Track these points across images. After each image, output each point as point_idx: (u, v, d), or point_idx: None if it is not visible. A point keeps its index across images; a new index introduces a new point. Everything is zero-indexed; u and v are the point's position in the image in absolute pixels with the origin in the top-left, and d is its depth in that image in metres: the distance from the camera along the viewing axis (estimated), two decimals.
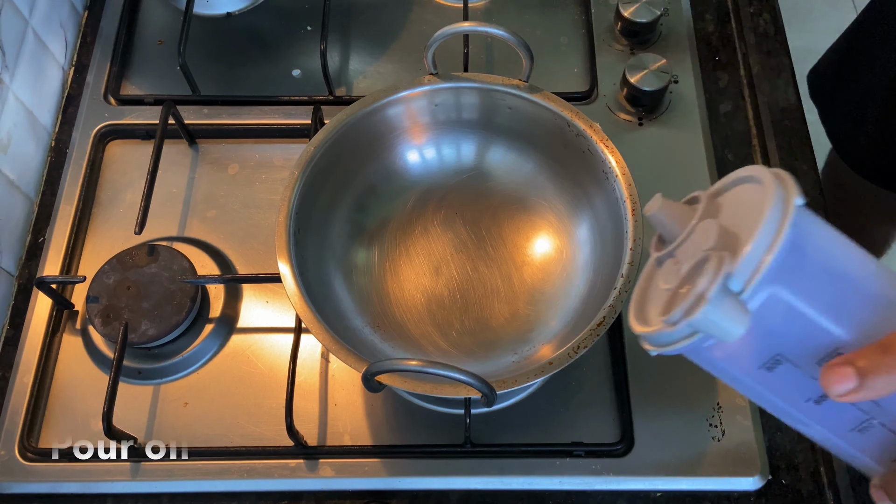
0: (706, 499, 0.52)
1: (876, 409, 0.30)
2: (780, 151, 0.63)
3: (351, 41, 0.70)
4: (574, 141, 0.53)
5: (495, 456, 0.53)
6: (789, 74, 0.67)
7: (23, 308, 0.59)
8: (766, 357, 0.31)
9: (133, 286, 0.56)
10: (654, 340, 0.32)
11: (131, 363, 0.56)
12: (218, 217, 0.62)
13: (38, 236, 0.62)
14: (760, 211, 0.29)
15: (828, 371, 0.29)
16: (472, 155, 0.59)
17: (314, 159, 0.52)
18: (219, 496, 0.53)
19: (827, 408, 0.31)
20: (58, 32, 0.68)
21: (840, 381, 0.28)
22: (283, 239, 0.49)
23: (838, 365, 0.28)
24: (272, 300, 0.59)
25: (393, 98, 0.55)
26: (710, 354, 0.32)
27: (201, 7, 0.70)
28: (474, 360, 0.53)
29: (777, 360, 0.31)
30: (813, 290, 0.30)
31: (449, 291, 0.56)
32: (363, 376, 0.43)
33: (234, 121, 0.65)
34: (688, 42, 0.68)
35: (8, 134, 0.60)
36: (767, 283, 0.29)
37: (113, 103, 0.67)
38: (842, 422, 0.31)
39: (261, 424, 0.55)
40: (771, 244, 0.28)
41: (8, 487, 0.53)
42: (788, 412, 0.33)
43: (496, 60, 0.68)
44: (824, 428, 0.32)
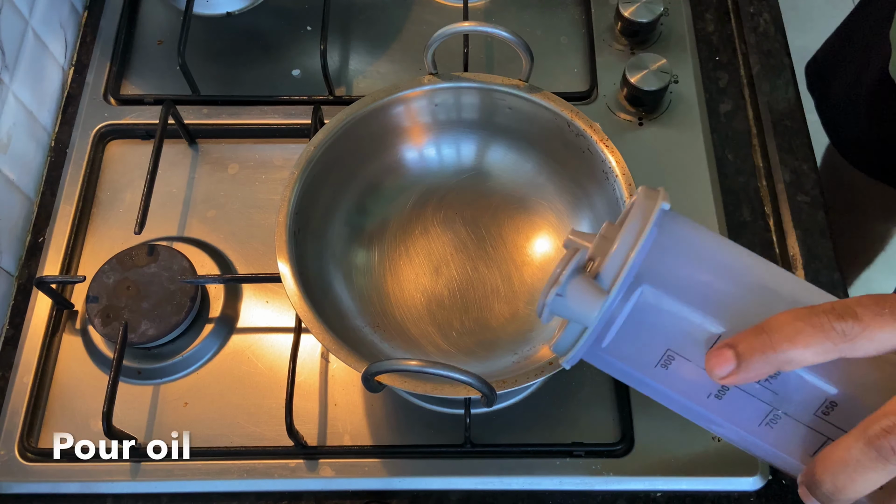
0: (706, 499, 0.52)
1: (775, 399, 0.31)
2: (780, 151, 0.63)
3: (351, 41, 0.70)
4: (574, 141, 0.53)
5: (495, 456, 0.53)
6: (789, 74, 0.67)
7: (22, 308, 0.59)
8: (659, 354, 0.32)
9: (133, 286, 0.56)
10: (556, 348, 0.34)
11: (131, 363, 0.56)
12: (218, 217, 0.62)
13: (38, 236, 0.62)
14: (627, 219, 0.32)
15: (709, 355, 0.30)
16: (472, 155, 0.59)
17: (314, 159, 0.52)
18: (219, 496, 0.53)
19: (729, 402, 0.32)
20: (57, 32, 0.68)
21: (720, 364, 0.30)
22: (283, 239, 0.49)
23: (718, 348, 0.30)
24: (272, 300, 0.59)
25: (393, 98, 0.55)
26: (609, 358, 0.34)
27: (201, 7, 0.70)
28: (474, 360, 0.53)
29: (670, 356, 0.32)
30: (686, 285, 0.32)
31: (449, 291, 0.56)
32: (363, 376, 0.43)
33: (234, 121, 0.65)
34: (688, 42, 0.68)
35: (8, 134, 0.60)
36: (635, 280, 0.31)
37: (113, 103, 0.67)
38: (748, 416, 0.32)
39: (261, 424, 0.55)
40: (632, 245, 0.31)
41: (8, 487, 0.53)
42: (698, 412, 0.33)
43: (496, 60, 0.68)
44: (735, 425, 0.33)
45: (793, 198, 0.62)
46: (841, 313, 0.29)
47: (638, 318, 0.32)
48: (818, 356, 0.29)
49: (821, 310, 0.29)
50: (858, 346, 0.29)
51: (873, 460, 0.28)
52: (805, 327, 0.29)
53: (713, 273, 0.33)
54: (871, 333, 0.28)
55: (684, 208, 0.61)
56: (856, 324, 0.28)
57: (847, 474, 0.28)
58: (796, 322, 0.29)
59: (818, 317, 0.29)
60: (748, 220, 0.62)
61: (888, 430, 0.28)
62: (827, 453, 0.29)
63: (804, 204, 0.61)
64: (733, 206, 0.62)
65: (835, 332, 0.28)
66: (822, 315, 0.29)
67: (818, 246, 0.60)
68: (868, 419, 0.28)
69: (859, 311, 0.29)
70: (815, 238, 0.60)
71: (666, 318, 0.32)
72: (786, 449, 0.32)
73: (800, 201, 0.61)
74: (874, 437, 0.28)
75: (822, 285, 0.58)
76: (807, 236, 0.60)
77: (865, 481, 0.28)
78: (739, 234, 0.61)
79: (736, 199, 0.62)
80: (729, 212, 0.62)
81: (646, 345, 0.33)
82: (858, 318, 0.28)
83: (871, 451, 0.28)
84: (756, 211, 0.62)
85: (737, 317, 0.31)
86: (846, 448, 0.29)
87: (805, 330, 0.28)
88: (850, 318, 0.28)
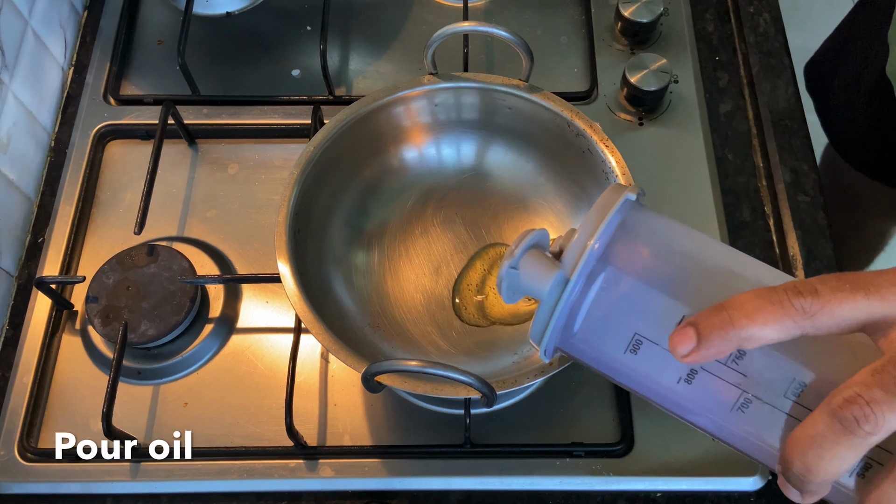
0: (706, 499, 0.52)
1: (745, 381, 0.31)
2: (781, 151, 0.63)
3: (351, 41, 0.70)
4: (574, 141, 0.53)
5: (495, 456, 0.53)
6: (789, 74, 0.67)
7: (22, 308, 0.59)
8: (627, 339, 0.33)
9: (133, 286, 0.56)
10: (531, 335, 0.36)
11: (131, 363, 0.56)
12: (217, 217, 0.62)
13: (38, 236, 0.62)
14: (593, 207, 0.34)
15: (672, 335, 0.30)
16: (472, 155, 0.59)
17: (314, 159, 0.52)
18: (218, 496, 0.53)
19: (700, 386, 0.32)
20: (57, 32, 0.68)
21: (681, 342, 0.30)
22: (283, 239, 0.49)
23: (681, 327, 0.30)
24: (272, 300, 0.59)
25: (393, 98, 0.54)
26: (582, 345, 0.35)
27: (201, 7, 0.70)
28: (474, 360, 0.53)
29: (638, 340, 0.33)
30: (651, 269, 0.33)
31: (449, 291, 0.56)
32: (363, 376, 0.43)
33: (234, 121, 0.65)
34: (688, 42, 0.68)
35: (7, 134, 0.60)
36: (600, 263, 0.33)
37: (112, 103, 0.67)
38: (719, 401, 0.32)
39: (261, 424, 0.55)
40: (594, 228, 0.33)
41: (7, 488, 0.53)
42: (671, 399, 0.33)
43: (496, 60, 0.68)
44: (707, 412, 0.33)
45: (793, 198, 0.62)
46: (801, 290, 0.28)
47: (605, 302, 0.33)
48: (779, 333, 0.28)
49: (782, 288, 0.29)
50: (819, 323, 0.28)
51: (838, 433, 0.27)
52: (765, 304, 0.28)
53: (678, 258, 0.34)
54: (831, 309, 0.28)
55: (684, 208, 0.61)
56: (815, 300, 0.28)
57: (815, 451, 0.28)
58: (757, 300, 0.29)
59: (778, 294, 0.29)
60: (748, 220, 0.62)
61: (850, 400, 0.27)
62: (795, 432, 0.29)
63: (804, 204, 0.61)
64: (733, 206, 0.62)
65: (794, 308, 0.28)
66: (783, 292, 0.29)
67: (818, 246, 0.60)
68: (833, 392, 0.28)
69: (819, 287, 0.28)
70: (815, 238, 0.60)
71: (632, 301, 0.33)
72: (760, 436, 0.32)
73: (800, 201, 0.61)
74: (837, 408, 0.27)
75: None
76: (807, 236, 0.60)
77: (834, 458, 0.27)
78: (739, 234, 0.61)
79: (736, 199, 0.62)
80: (729, 212, 0.62)
81: (614, 330, 0.33)
82: (818, 294, 0.28)
83: (834, 424, 0.27)
84: (756, 211, 0.62)
85: (701, 298, 0.31)
86: (812, 424, 0.28)
87: (765, 307, 0.28)
88: (809, 294, 0.28)
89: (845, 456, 0.27)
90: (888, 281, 0.28)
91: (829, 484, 0.29)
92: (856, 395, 0.27)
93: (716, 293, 0.31)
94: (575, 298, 0.33)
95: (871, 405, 0.26)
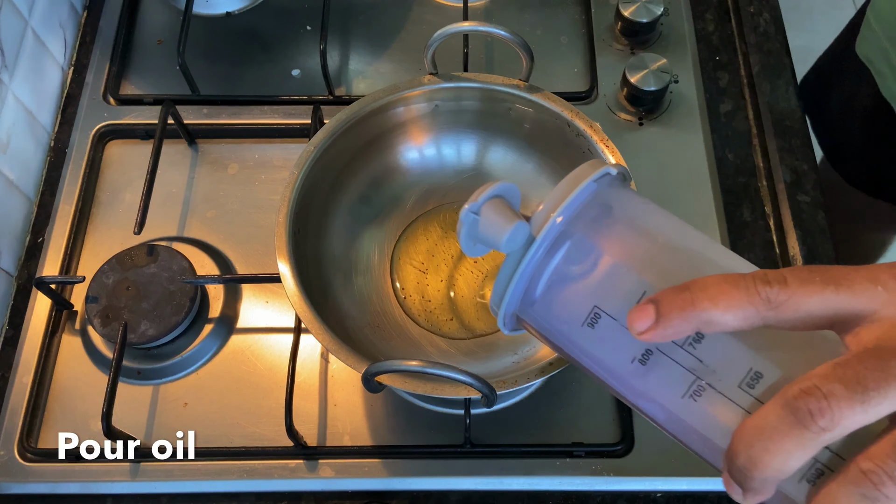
0: (706, 499, 0.52)
1: (700, 367, 0.30)
2: (781, 151, 0.63)
3: (351, 41, 0.70)
4: (574, 141, 0.53)
5: (495, 456, 0.53)
6: (790, 74, 0.67)
7: (22, 308, 0.58)
8: (586, 311, 0.32)
9: (132, 286, 0.56)
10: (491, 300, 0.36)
11: (131, 363, 0.56)
12: (217, 217, 0.62)
13: (38, 236, 0.62)
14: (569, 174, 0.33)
15: (632, 310, 0.29)
16: (472, 155, 0.59)
17: (314, 159, 0.52)
18: (218, 496, 0.53)
19: (653, 367, 0.31)
20: (57, 32, 0.68)
21: (640, 318, 0.28)
22: (283, 239, 0.49)
23: (642, 303, 0.29)
24: (272, 300, 0.59)
25: (393, 98, 0.54)
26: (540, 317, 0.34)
27: (201, 7, 0.70)
28: (474, 360, 0.53)
29: (596, 313, 0.32)
30: (619, 243, 0.33)
31: (449, 291, 0.56)
32: (363, 377, 0.42)
33: (234, 121, 0.65)
34: (688, 42, 0.68)
35: (7, 134, 0.60)
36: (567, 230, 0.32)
37: (112, 103, 0.66)
38: (671, 385, 0.30)
39: (260, 425, 0.55)
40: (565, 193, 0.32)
41: (7, 488, 0.53)
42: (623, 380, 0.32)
43: (496, 60, 0.68)
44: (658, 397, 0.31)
45: (793, 198, 0.62)
46: (769, 279, 0.27)
47: (568, 271, 0.32)
48: (740, 321, 0.27)
49: (750, 275, 0.27)
50: (783, 316, 0.27)
51: (790, 425, 0.25)
52: (730, 289, 0.27)
53: (649, 236, 0.33)
54: (797, 302, 0.27)
55: (684, 208, 0.61)
56: (782, 290, 0.27)
57: (762, 443, 0.25)
58: (722, 283, 0.27)
59: (745, 280, 0.27)
60: (748, 220, 0.62)
61: (807, 392, 0.25)
62: (745, 422, 0.27)
63: (804, 204, 0.61)
64: (733, 206, 0.62)
65: (759, 297, 0.27)
66: (750, 279, 0.27)
67: (818, 246, 0.60)
68: (789, 384, 0.26)
69: (789, 277, 0.27)
70: (815, 238, 0.60)
71: (596, 271, 0.32)
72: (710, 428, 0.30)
73: (800, 201, 0.61)
74: (792, 398, 0.25)
75: None
76: (807, 236, 0.60)
77: (782, 452, 0.25)
78: (739, 234, 0.61)
79: (736, 199, 0.62)
80: (729, 212, 0.62)
81: (574, 300, 0.32)
82: (786, 284, 0.27)
83: (787, 415, 0.25)
84: (756, 211, 0.62)
85: (667, 277, 0.30)
86: (763, 414, 0.26)
87: (729, 292, 0.27)
88: (777, 283, 0.27)
89: (794, 452, 0.25)
90: (862, 276, 0.27)
91: (774, 483, 0.27)
92: (813, 387, 0.25)
93: (683, 274, 0.30)
94: (538, 261, 0.32)
95: (829, 399, 0.24)
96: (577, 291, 0.32)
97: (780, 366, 0.29)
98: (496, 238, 0.33)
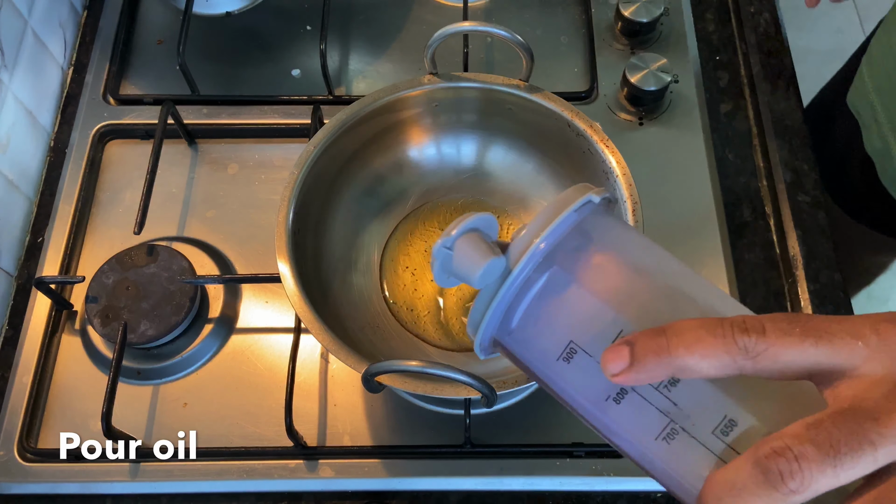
0: None
1: (674, 410, 0.29)
2: (781, 151, 0.63)
3: (350, 41, 0.70)
4: (574, 141, 0.53)
5: (495, 456, 0.53)
6: (790, 74, 0.67)
7: (22, 308, 0.58)
8: (562, 345, 0.31)
9: (132, 286, 0.56)
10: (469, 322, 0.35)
11: (130, 363, 0.56)
12: (217, 217, 0.62)
13: (38, 236, 0.62)
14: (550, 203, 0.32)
15: (607, 351, 0.29)
16: (472, 155, 0.59)
17: (314, 159, 0.52)
18: (218, 496, 0.53)
19: (628, 407, 0.31)
20: (57, 32, 0.68)
21: (614, 360, 0.28)
22: (283, 239, 0.49)
23: (616, 344, 0.28)
24: (272, 300, 0.59)
25: (393, 98, 0.54)
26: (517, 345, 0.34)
27: (201, 7, 0.70)
28: (474, 360, 0.53)
29: (572, 349, 0.31)
30: (598, 276, 0.31)
31: (449, 291, 0.56)
32: (363, 377, 0.42)
33: (234, 121, 0.65)
34: (688, 42, 0.68)
35: (7, 134, 0.60)
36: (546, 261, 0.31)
37: (112, 103, 0.66)
38: (645, 426, 0.30)
39: (260, 425, 0.54)
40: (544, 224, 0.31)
41: (7, 488, 0.53)
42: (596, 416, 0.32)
43: (496, 60, 0.68)
44: (631, 436, 0.31)
45: (793, 198, 0.61)
46: (747, 328, 0.27)
47: (544, 304, 0.32)
48: (715, 369, 0.27)
49: (729, 321, 0.27)
50: (761, 366, 0.27)
51: (760, 485, 0.25)
52: (706, 336, 0.27)
53: (629, 271, 0.32)
54: (775, 353, 0.26)
55: (684, 208, 0.61)
56: (760, 341, 0.26)
57: (731, 499, 0.26)
58: (699, 330, 0.27)
59: (723, 328, 0.27)
60: (748, 220, 0.62)
61: (779, 452, 0.25)
62: (715, 474, 0.27)
63: (804, 204, 0.61)
64: (733, 206, 0.62)
65: (736, 346, 0.26)
66: (728, 327, 0.27)
67: (818, 246, 0.60)
68: (762, 440, 0.26)
69: (768, 326, 0.26)
70: (815, 238, 0.60)
71: (573, 307, 0.31)
72: (681, 471, 0.30)
73: (800, 201, 0.61)
74: (763, 457, 0.25)
75: (823, 285, 0.58)
76: (807, 236, 0.60)
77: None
78: (740, 234, 0.61)
79: (736, 199, 0.62)
80: (729, 212, 0.61)
81: (551, 334, 0.32)
82: (765, 334, 0.26)
83: (758, 475, 0.25)
84: (756, 211, 0.62)
85: (645, 316, 0.30)
86: (735, 469, 0.26)
87: (705, 339, 0.27)
88: (755, 333, 0.26)
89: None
90: (843, 330, 0.26)
91: None
92: (785, 448, 0.25)
93: (661, 314, 0.29)
94: (514, 293, 0.32)
95: (800, 461, 0.24)
96: (554, 325, 0.32)
97: (754, 414, 0.28)
98: (469, 274, 0.32)
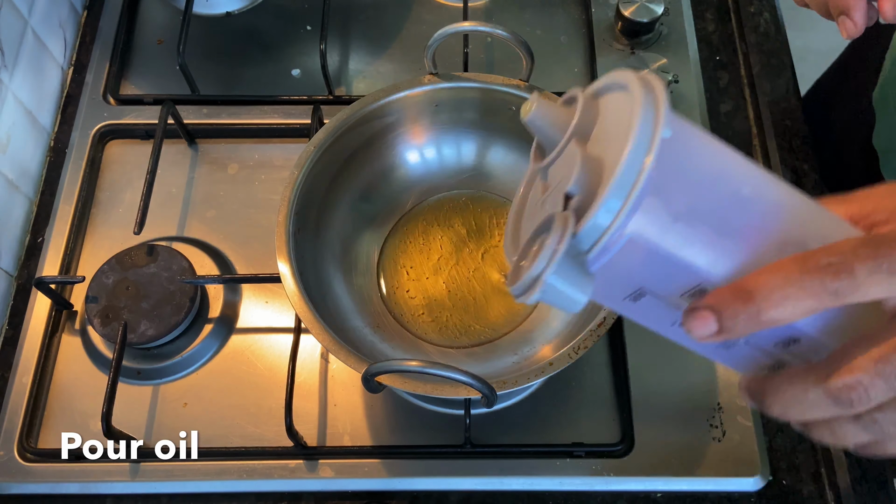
0: (706, 499, 0.52)
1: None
2: (781, 151, 0.63)
3: (351, 41, 0.70)
4: None
5: (495, 456, 0.53)
6: (790, 74, 0.67)
7: (22, 308, 0.58)
8: (630, 290, 0.31)
9: (132, 286, 0.56)
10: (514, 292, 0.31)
11: (130, 363, 0.56)
12: (217, 217, 0.62)
13: (37, 236, 0.62)
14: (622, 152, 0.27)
15: (689, 315, 0.29)
16: (472, 155, 0.59)
17: (314, 159, 0.52)
18: (218, 496, 0.53)
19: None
20: (57, 32, 0.68)
21: (700, 326, 0.28)
22: (283, 239, 0.49)
23: (699, 311, 0.28)
24: (272, 300, 0.59)
25: (393, 98, 0.54)
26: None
27: (201, 7, 0.70)
28: (474, 360, 0.53)
29: (641, 292, 0.31)
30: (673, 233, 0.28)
31: (449, 291, 0.56)
32: (363, 377, 0.42)
33: (234, 120, 0.65)
34: (688, 42, 0.68)
35: (7, 134, 0.60)
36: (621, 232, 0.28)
37: (112, 103, 0.66)
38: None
39: (260, 425, 0.54)
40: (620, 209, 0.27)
41: (7, 488, 0.53)
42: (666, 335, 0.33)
43: (496, 60, 0.68)
44: (693, 345, 0.32)
45: None
46: (836, 270, 0.26)
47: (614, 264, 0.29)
48: (805, 315, 0.28)
49: (814, 266, 0.27)
50: (845, 302, 0.27)
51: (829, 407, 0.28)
52: (795, 292, 0.27)
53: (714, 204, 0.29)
54: (864, 292, 0.27)
55: None
56: (850, 282, 0.26)
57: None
58: (786, 287, 0.27)
59: (811, 278, 0.27)
60: None
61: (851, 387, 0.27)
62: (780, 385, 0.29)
63: None
64: None
65: (826, 293, 0.27)
66: (816, 275, 0.27)
67: None
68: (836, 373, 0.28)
69: (857, 267, 0.26)
70: None
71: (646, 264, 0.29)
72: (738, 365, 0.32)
73: None
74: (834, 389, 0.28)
75: None
76: None
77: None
78: None
79: None
80: None
81: (617, 284, 0.31)
82: (854, 275, 0.26)
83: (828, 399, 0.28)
84: None
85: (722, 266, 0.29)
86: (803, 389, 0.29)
87: (795, 295, 0.27)
88: (845, 275, 0.26)
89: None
90: None
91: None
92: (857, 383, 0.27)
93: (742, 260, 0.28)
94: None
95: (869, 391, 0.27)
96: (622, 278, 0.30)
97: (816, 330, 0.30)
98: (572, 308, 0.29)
